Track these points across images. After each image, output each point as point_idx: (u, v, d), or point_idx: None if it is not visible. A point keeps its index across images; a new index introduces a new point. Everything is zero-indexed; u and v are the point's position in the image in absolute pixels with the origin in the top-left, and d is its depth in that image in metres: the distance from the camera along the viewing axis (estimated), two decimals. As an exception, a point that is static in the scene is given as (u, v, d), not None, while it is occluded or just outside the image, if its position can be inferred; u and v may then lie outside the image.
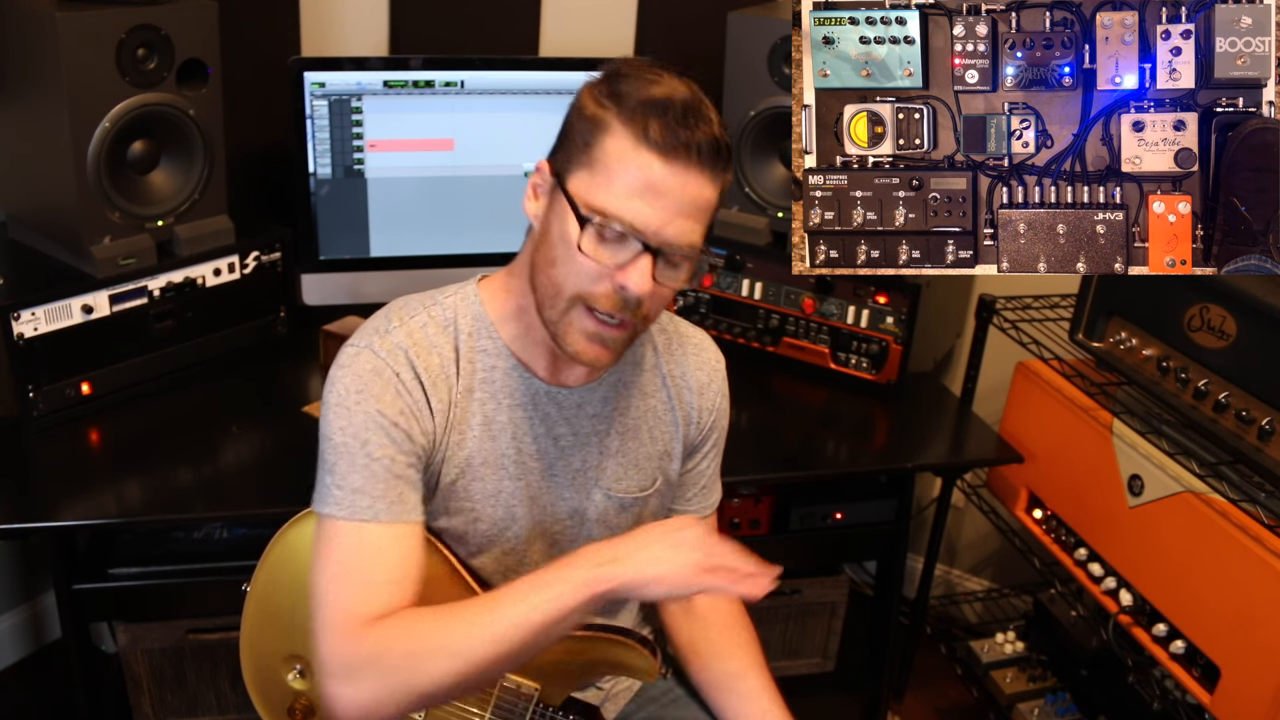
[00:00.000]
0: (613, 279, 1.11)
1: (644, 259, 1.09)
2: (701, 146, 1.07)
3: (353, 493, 1.13)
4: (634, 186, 1.07)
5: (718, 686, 1.40)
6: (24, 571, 2.29)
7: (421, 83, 2.00)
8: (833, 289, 2.08)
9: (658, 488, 1.36)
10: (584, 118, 1.11)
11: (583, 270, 1.11)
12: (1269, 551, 1.52)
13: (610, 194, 1.08)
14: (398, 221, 2.07)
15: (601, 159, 1.09)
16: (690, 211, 1.09)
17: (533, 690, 1.31)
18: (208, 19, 1.79)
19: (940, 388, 2.26)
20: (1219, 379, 1.64)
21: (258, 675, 1.37)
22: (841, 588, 2.24)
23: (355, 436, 1.14)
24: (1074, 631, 2.16)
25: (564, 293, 1.13)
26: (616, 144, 1.08)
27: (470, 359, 1.22)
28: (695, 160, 1.07)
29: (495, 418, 1.24)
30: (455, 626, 1.09)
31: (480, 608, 1.11)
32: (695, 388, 1.36)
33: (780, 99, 2.02)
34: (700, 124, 1.07)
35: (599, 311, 1.13)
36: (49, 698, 2.24)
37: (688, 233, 1.10)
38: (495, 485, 1.26)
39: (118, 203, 1.76)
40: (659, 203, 1.07)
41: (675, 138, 1.06)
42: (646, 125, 1.06)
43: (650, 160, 1.07)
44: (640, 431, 1.33)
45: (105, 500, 1.62)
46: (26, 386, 1.72)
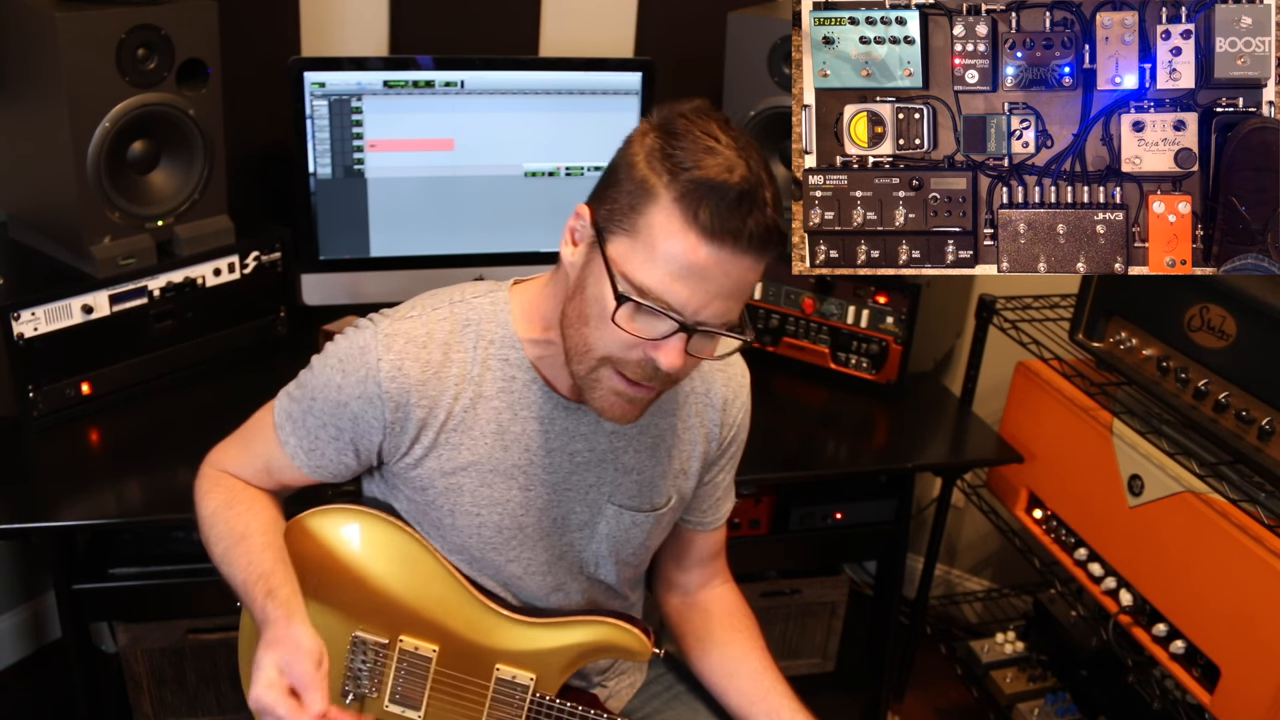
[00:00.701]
0: (644, 350, 1.09)
1: (678, 337, 1.07)
2: (753, 235, 1.03)
3: (287, 415, 1.28)
4: (677, 268, 1.03)
5: (721, 671, 1.40)
6: (24, 571, 2.29)
7: (421, 83, 2.00)
8: (833, 289, 2.08)
9: (672, 505, 1.35)
10: (633, 177, 1.06)
11: (615, 338, 1.08)
12: (1269, 551, 1.52)
13: (651, 272, 1.04)
14: (398, 221, 2.07)
15: (646, 232, 1.04)
16: (731, 294, 1.06)
17: (529, 679, 1.31)
18: (208, 19, 1.79)
19: (940, 388, 2.26)
20: (1219, 379, 1.64)
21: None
22: (841, 588, 2.24)
23: (313, 388, 1.25)
24: (1074, 631, 2.16)
25: (594, 353, 1.11)
26: (664, 220, 1.03)
27: (488, 365, 1.22)
28: (745, 248, 1.03)
29: (510, 428, 1.23)
30: (216, 530, 1.25)
31: (231, 545, 1.23)
32: (719, 404, 1.34)
33: (780, 99, 2.02)
34: (755, 210, 1.02)
35: (630, 376, 1.11)
36: (49, 698, 2.24)
37: (726, 313, 1.07)
38: (504, 494, 1.26)
39: (118, 203, 1.76)
40: (701, 286, 1.04)
41: (726, 226, 1.02)
42: (698, 209, 1.02)
43: (697, 244, 1.02)
44: (658, 450, 1.31)
45: (105, 500, 1.62)
46: (26, 386, 1.72)
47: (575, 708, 1.32)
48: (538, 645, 1.32)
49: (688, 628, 1.45)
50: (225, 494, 1.29)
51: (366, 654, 1.30)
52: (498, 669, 1.31)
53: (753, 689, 1.37)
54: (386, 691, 1.32)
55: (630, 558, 1.36)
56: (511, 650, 1.31)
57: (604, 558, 1.34)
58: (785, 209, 1.06)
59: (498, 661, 1.31)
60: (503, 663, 1.31)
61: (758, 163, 1.06)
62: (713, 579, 1.48)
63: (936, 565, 2.37)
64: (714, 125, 1.07)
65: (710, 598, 1.46)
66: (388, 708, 1.32)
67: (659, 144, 1.06)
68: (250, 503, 1.29)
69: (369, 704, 1.32)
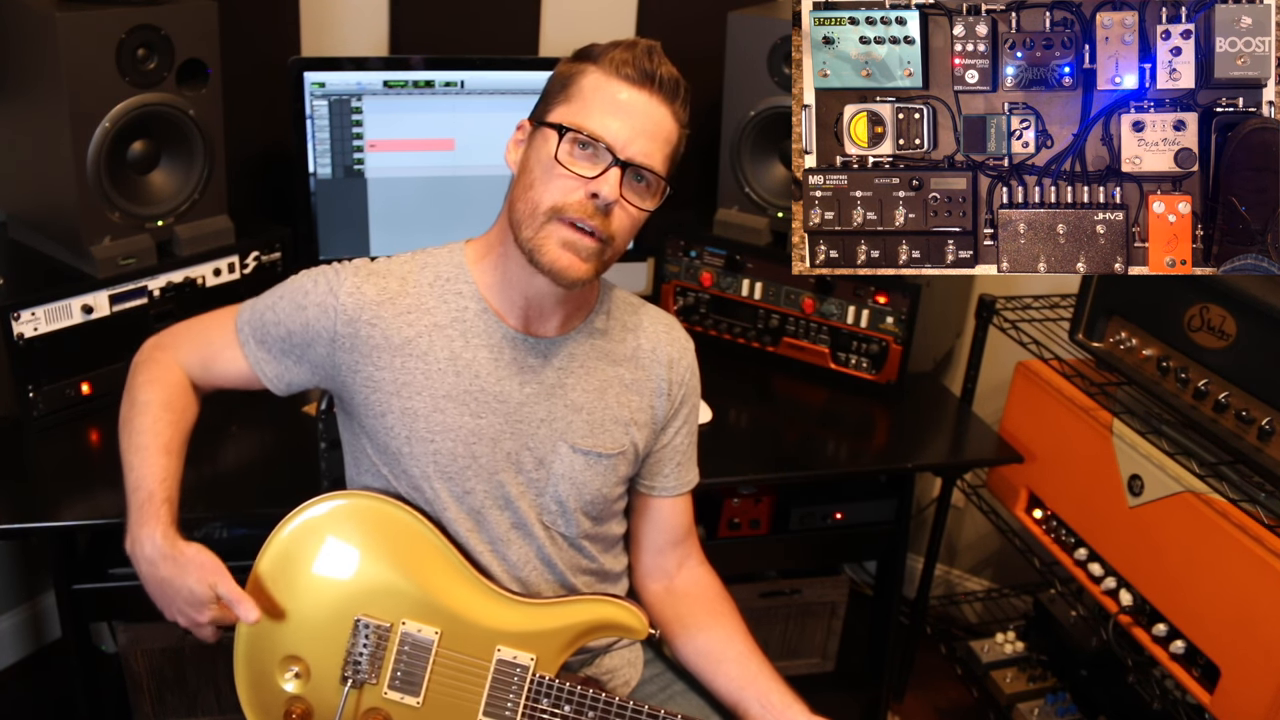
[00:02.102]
0: (585, 188, 1.23)
1: (613, 171, 1.22)
2: (663, 78, 1.24)
3: (251, 309, 1.39)
4: (605, 107, 1.23)
5: (707, 656, 1.43)
6: (24, 571, 2.29)
7: (421, 83, 2.00)
8: (833, 289, 2.08)
9: (624, 452, 1.40)
10: (560, 76, 1.29)
11: (559, 184, 1.24)
12: (1269, 551, 1.52)
13: (585, 114, 1.24)
14: (398, 221, 2.07)
15: (578, 93, 1.25)
16: (653, 133, 1.24)
17: (529, 660, 1.32)
18: (208, 19, 1.79)
19: (940, 388, 2.26)
20: (1219, 379, 1.64)
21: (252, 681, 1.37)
22: (841, 588, 2.24)
23: (281, 292, 1.37)
24: (1074, 631, 2.16)
25: (541, 207, 1.25)
26: (593, 80, 1.25)
27: (444, 298, 1.33)
28: (658, 89, 1.24)
29: (462, 354, 1.32)
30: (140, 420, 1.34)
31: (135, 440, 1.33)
32: (665, 361, 1.42)
33: (780, 99, 2.02)
34: (661, 63, 1.25)
35: (574, 219, 1.24)
36: (49, 698, 2.24)
37: (651, 154, 1.25)
38: (455, 419, 1.32)
39: (118, 203, 1.76)
40: (626, 120, 1.23)
41: (643, 70, 1.23)
42: (619, 65, 1.24)
43: (620, 86, 1.24)
44: (606, 394, 1.38)
45: (105, 500, 1.61)
46: (26, 386, 1.72)
47: (575, 687, 1.32)
48: (538, 626, 1.33)
49: (670, 614, 1.47)
50: (164, 392, 1.38)
51: (369, 638, 1.31)
52: (498, 650, 1.32)
53: (740, 674, 1.40)
54: (385, 677, 1.32)
55: (590, 507, 1.39)
56: (512, 631, 1.33)
57: (564, 501, 1.37)
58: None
59: (498, 643, 1.32)
60: (503, 643, 1.32)
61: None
62: (688, 559, 1.51)
63: (936, 565, 2.37)
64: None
65: (688, 581, 1.50)
66: (386, 694, 1.32)
67: (578, 54, 1.29)
68: (181, 413, 1.38)
69: (367, 691, 1.33)
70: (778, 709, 1.35)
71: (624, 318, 1.42)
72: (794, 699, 1.36)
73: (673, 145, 1.28)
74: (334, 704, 1.32)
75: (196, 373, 1.41)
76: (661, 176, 1.27)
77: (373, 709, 1.33)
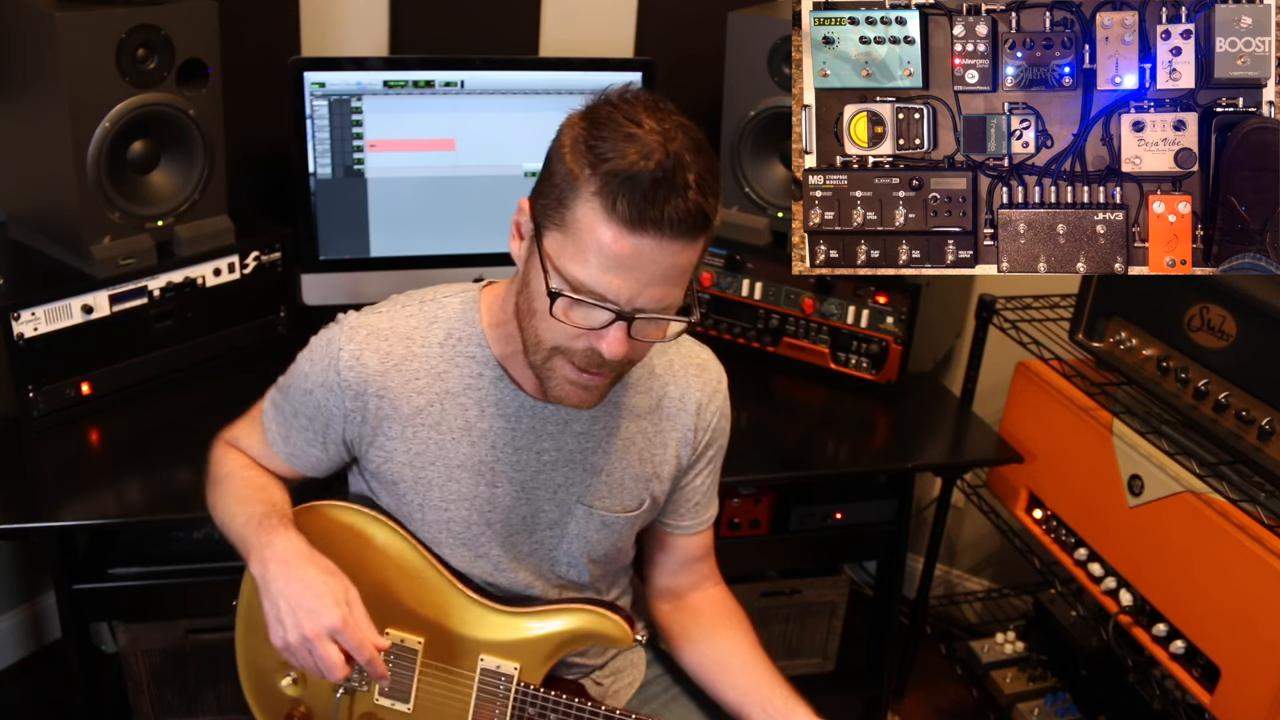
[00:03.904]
0: (589, 339, 1.10)
1: (618, 326, 1.08)
2: (673, 221, 1.02)
3: (271, 402, 1.35)
4: (604, 260, 1.04)
5: (712, 665, 1.40)
6: (24, 571, 2.29)
7: (421, 83, 2.00)
8: (833, 289, 2.08)
9: (643, 510, 1.35)
10: (560, 170, 1.07)
11: (560, 329, 1.10)
12: (1269, 551, 1.52)
13: (582, 264, 1.05)
14: (398, 221, 2.07)
15: (574, 225, 1.05)
16: (663, 280, 1.06)
17: (512, 669, 1.32)
18: (208, 19, 1.78)
19: (940, 388, 2.26)
20: (1219, 379, 1.64)
21: (254, 683, 1.37)
22: (841, 588, 2.24)
23: (291, 377, 1.31)
24: (1074, 631, 2.16)
25: (544, 345, 1.13)
26: (586, 213, 1.04)
27: (455, 361, 1.25)
28: (667, 234, 1.03)
29: (477, 424, 1.26)
30: (232, 483, 1.32)
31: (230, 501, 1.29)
32: (693, 409, 1.34)
33: (780, 99, 2.02)
34: (672, 196, 1.02)
35: (579, 365, 1.12)
36: (49, 698, 2.24)
37: (663, 298, 1.08)
38: (471, 490, 1.27)
39: (118, 203, 1.76)
40: (630, 275, 1.05)
41: (645, 215, 1.02)
42: (615, 200, 1.02)
43: (619, 236, 1.03)
44: (629, 453, 1.32)
45: (105, 500, 1.62)
46: (26, 386, 1.72)
47: (560, 696, 1.32)
48: (520, 635, 1.32)
49: (677, 628, 1.45)
50: (242, 459, 1.36)
51: None
52: (482, 659, 1.32)
53: (745, 680, 1.36)
54: (376, 685, 1.32)
55: (601, 558, 1.37)
56: (494, 640, 1.32)
57: (575, 558, 1.35)
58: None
59: (481, 652, 1.32)
60: (486, 653, 1.32)
61: (681, 144, 1.04)
62: (703, 581, 1.47)
63: (936, 565, 2.37)
64: (639, 109, 1.06)
65: (701, 599, 1.46)
66: (378, 701, 1.33)
67: (583, 134, 1.06)
68: (263, 471, 1.35)
69: (359, 698, 1.33)
70: (780, 712, 1.32)
71: (651, 361, 1.32)
72: (797, 701, 1.33)
73: (691, 269, 1.10)
74: (330, 709, 1.33)
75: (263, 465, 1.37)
76: (676, 308, 1.10)
77: (367, 714, 1.33)
